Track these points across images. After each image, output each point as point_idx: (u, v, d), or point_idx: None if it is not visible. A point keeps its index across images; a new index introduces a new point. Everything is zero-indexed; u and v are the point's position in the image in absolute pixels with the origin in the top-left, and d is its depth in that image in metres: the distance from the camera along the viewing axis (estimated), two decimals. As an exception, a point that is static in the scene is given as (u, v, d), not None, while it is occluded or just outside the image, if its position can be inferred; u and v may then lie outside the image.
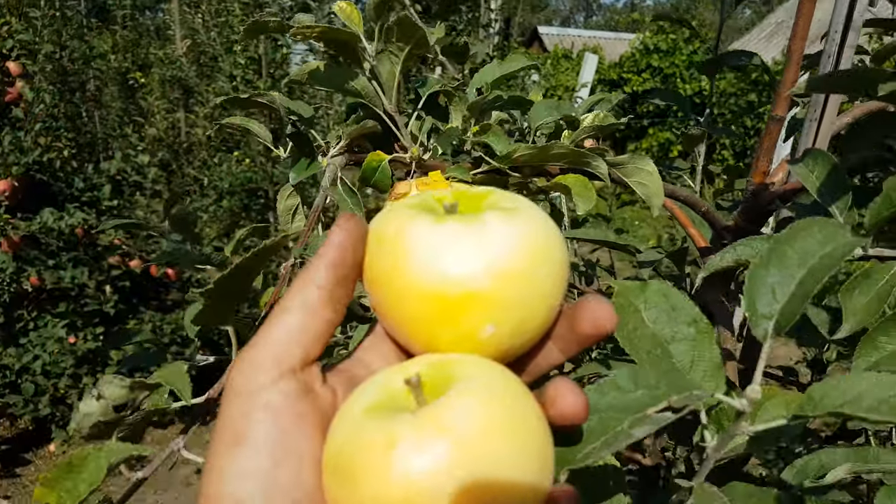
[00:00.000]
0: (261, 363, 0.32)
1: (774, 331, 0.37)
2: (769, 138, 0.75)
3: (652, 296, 0.47)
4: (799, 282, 0.37)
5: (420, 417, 0.27)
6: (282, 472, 0.31)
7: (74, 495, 0.43)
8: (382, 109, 0.61)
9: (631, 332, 0.46)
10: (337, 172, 0.59)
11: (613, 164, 0.67)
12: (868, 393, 0.33)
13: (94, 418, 0.46)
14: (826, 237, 0.40)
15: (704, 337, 0.46)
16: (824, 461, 0.59)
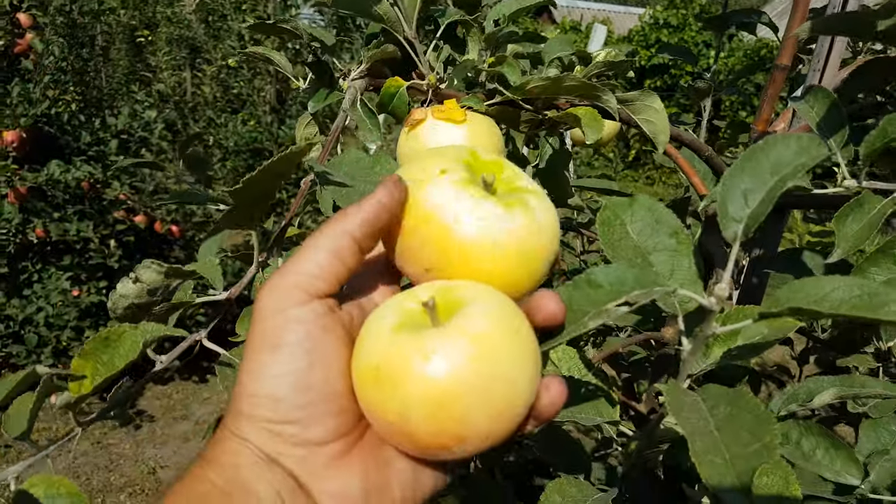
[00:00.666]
0: (290, 289, 0.36)
1: (743, 233, 0.40)
2: (773, 86, 0.77)
3: (638, 210, 0.50)
4: (770, 188, 0.40)
5: (446, 331, 0.33)
6: (314, 372, 0.35)
7: (110, 367, 0.46)
8: (403, 35, 0.63)
9: (616, 242, 0.49)
10: (357, 95, 0.62)
11: (622, 101, 0.70)
12: (832, 294, 0.35)
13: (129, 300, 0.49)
14: (801, 148, 0.43)
15: (684, 248, 0.49)
16: (812, 388, 0.62)
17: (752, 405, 0.36)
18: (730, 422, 0.36)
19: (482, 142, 0.64)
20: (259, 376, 0.34)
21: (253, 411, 0.34)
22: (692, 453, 0.33)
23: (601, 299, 0.39)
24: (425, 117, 0.64)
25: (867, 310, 0.33)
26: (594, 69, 0.69)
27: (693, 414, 0.37)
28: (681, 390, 0.40)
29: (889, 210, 0.54)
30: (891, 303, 0.32)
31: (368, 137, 0.57)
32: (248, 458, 0.34)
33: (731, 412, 0.37)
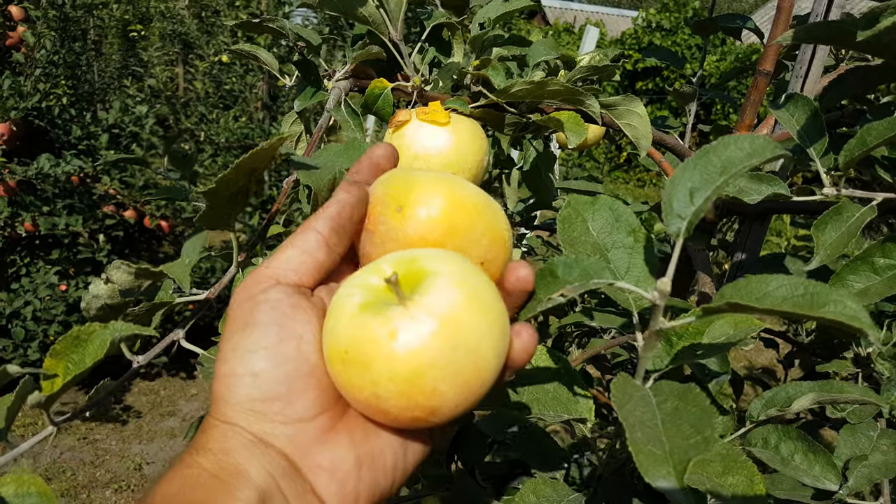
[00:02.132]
0: (261, 278, 0.38)
1: (686, 230, 0.41)
2: (756, 92, 0.78)
3: (599, 208, 0.51)
4: (716, 186, 0.41)
5: (411, 309, 0.34)
6: (286, 346, 0.36)
7: (80, 366, 0.46)
8: (388, 38, 0.63)
9: (575, 239, 0.50)
10: (342, 95, 0.62)
11: (606, 106, 0.70)
12: (774, 292, 0.36)
13: (102, 301, 0.49)
14: (754, 150, 0.43)
15: (640, 246, 0.49)
16: (791, 393, 0.62)
17: (699, 400, 0.37)
18: (675, 415, 0.37)
19: (466, 143, 0.65)
20: (234, 356, 0.35)
21: (234, 393, 0.35)
22: (630, 443, 0.34)
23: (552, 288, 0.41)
24: (410, 119, 0.64)
25: (808, 308, 0.33)
26: (578, 73, 0.69)
27: (640, 408, 0.38)
28: (630, 385, 0.41)
29: (868, 218, 0.54)
30: (831, 302, 0.33)
31: (352, 137, 0.57)
32: (237, 441, 0.34)
33: (677, 406, 0.38)
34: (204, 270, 3.23)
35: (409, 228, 0.40)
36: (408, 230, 0.40)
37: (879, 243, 0.56)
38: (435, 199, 0.41)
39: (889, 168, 0.56)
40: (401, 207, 0.40)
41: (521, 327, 0.38)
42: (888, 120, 0.53)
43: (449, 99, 0.66)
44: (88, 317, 0.50)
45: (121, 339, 0.47)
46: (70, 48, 3.92)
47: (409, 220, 0.40)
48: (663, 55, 1.11)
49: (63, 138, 3.39)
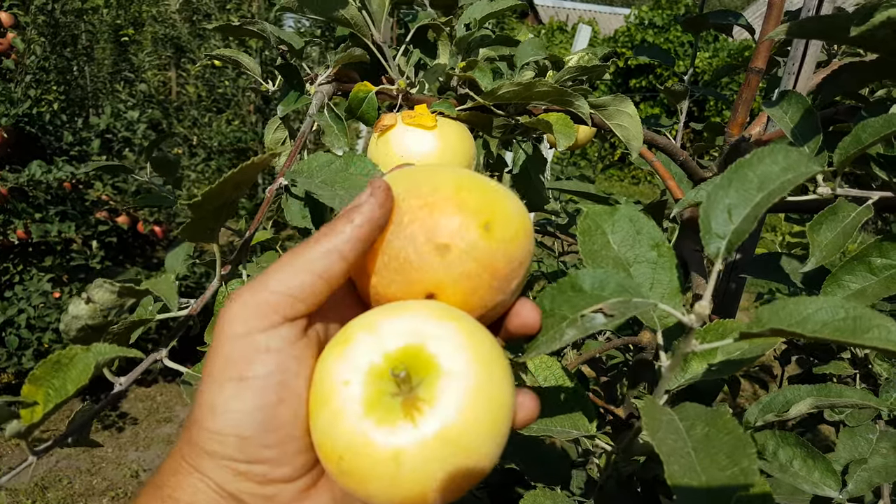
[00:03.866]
0: (261, 309, 0.32)
1: (726, 250, 0.39)
2: (748, 90, 0.76)
3: (619, 220, 0.49)
4: (756, 204, 0.39)
5: (420, 426, 0.30)
6: (283, 410, 0.31)
7: (62, 393, 0.44)
8: (371, 40, 0.62)
9: (596, 252, 0.48)
10: (324, 100, 0.60)
11: (596, 106, 0.69)
12: (814, 316, 0.34)
13: (82, 321, 0.47)
14: (789, 164, 0.42)
15: (665, 261, 0.47)
16: (789, 397, 0.61)
17: (731, 426, 0.35)
18: (707, 443, 0.34)
19: (453, 147, 0.63)
20: (222, 411, 0.31)
21: (215, 449, 0.31)
22: (668, 476, 0.31)
23: (580, 304, 0.38)
24: (395, 123, 0.62)
25: (850, 334, 0.32)
26: (566, 74, 0.68)
27: (670, 434, 0.35)
28: (658, 409, 0.39)
29: (864, 218, 0.53)
30: (874, 328, 0.31)
31: (335, 143, 0.56)
32: (207, 497, 0.32)
33: (708, 433, 0.35)
34: (198, 275, 3.21)
35: (497, 254, 0.34)
36: (495, 257, 0.34)
37: (876, 242, 0.54)
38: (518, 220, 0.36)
39: (885, 166, 0.55)
40: (488, 225, 0.34)
41: (525, 398, 0.35)
42: (884, 117, 0.52)
43: (435, 102, 0.65)
44: (68, 339, 0.48)
45: (105, 363, 0.45)
46: (61, 54, 3.89)
47: (498, 245, 0.34)
48: (654, 53, 1.10)
49: (55, 144, 3.37)
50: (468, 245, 0.33)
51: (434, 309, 0.33)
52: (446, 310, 0.33)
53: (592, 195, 0.93)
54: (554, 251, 1.28)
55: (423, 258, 0.33)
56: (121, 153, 3.59)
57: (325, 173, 0.49)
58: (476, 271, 0.34)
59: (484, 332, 0.34)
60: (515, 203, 0.37)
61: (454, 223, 0.34)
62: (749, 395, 3.47)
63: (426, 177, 0.36)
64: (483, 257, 0.34)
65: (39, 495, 2.69)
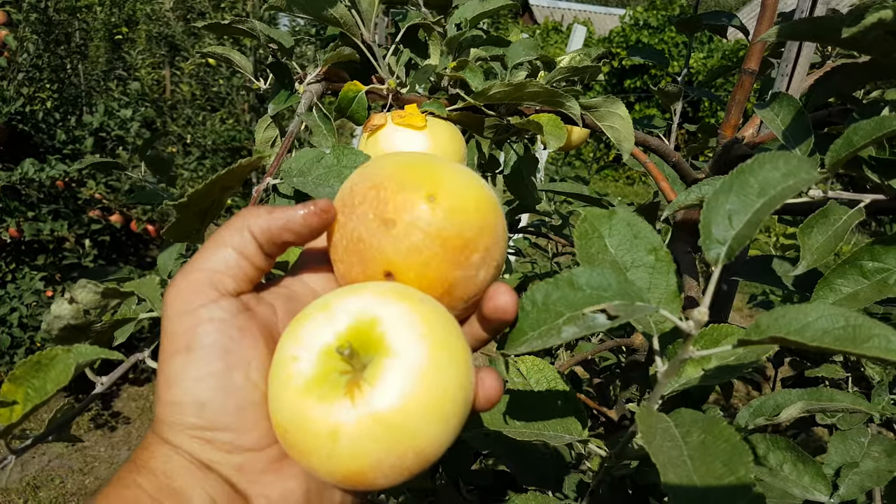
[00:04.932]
0: (199, 286, 0.34)
1: (726, 256, 0.38)
2: (741, 91, 0.76)
3: (617, 224, 0.48)
4: (756, 210, 0.38)
5: (358, 405, 0.31)
6: (234, 374, 0.33)
7: (42, 393, 0.43)
8: (361, 39, 0.61)
9: (593, 256, 0.47)
10: (313, 99, 0.60)
11: (587, 108, 0.68)
12: (814, 324, 0.34)
13: (65, 321, 0.47)
14: (790, 170, 0.41)
15: (663, 265, 0.47)
16: (780, 401, 0.61)
17: (727, 434, 0.34)
18: (703, 451, 0.34)
19: (443, 147, 0.63)
20: (177, 381, 0.32)
21: (178, 419, 0.32)
22: (664, 485, 0.31)
23: (579, 302, 0.37)
24: (385, 122, 0.62)
25: (851, 343, 0.31)
26: (558, 75, 0.68)
27: (666, 442, 0.35)
28: (653, 416, 0.38)
29: (855, 221, 0.52)
30: (874, 337, 0.31)
31: (323, 143, 0.55)
32: (180, 464, 0.32)
33: (704, 440, 0.35)
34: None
35: (443, 223, 0.34)
36: (441, 226, 0.34)
37: (868, 246, 0.54)
38: (469, 191, 0.35)
39: (877, 168, 0.55)
40: (433, 196, 0.34)
41: (486, 375, 0.35)
42: (875, 119, 0.51)
43: (425, 102, 0.64)
44: (50, 339, 0.47)
45: (86, 364, 0.45)
46: (54, 52, 3.87)
47: (445, 213, 0.34)
48: (648, 54, 1.10)
49: (47, 143, 3.35)
50: (413, 217, 0.34)
51: (388, 289, 0.33)
52: (402, 290, 0.34)
53: (585, 196, 0.92)
54: (548, 252, 1.28)
55: (373, 235, 0.34)
56: (114, 151, 3.57)
57: (319, 170, 0.48)
58: (424, 243, 0.34)
59: (439, 311, 0.34)
60: (469, 177, 0.37)
61: (399, 197, 0.34)
62: (742, 395, 3.48)
63: (377, 161, 0.37)
64: (430, 228, 0.34)
65: (31, 495, 2.67)
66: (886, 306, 0.80)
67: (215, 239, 0.35)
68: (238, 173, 0.48)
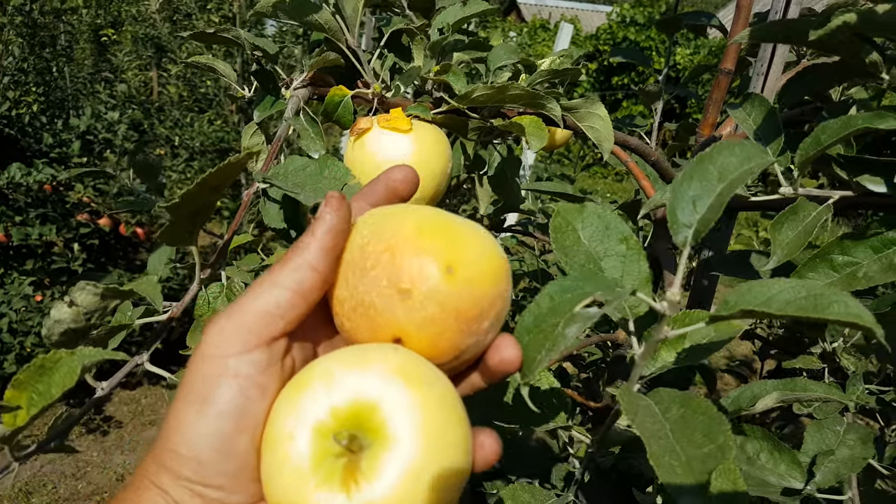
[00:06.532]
0: (237, 331, 0.33)
1: (693, 238, 0.40)
2: (718, 90, 0.78)
3: (589, 216, 0.50)
4: (718, 194, 0.41)
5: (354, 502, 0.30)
6: (241, 438, 0.32)
7: (46, 397, 0.44)
8: (346, 45, 0.63)
9: (568, 248, 0.49)
10: (300, 104, 0.61)
11: (567, 109, 0.70)
12: (778, 296, 0.36)
13: (65, 325, 0.47)
14: (746, 155, 0.43)
15: (634, 253, 0.49)
16: (756, 392, 0.63)
17: (704, 407, 0.36)
18: (683, 424, 0.36)
19: (428, 150, 0.64)
20: (184, 431, 0.32)
21: (174, 467, 0.32)
22: (650, 455, 0.33)
23: (566, 306, 0.39)
24: (371, 126, 0.63)
25: (813, 310, 0.33)
26: (538, 77, 0.69)
27: (647, 418, 0.37)
28: (634, 395, 0.40)
29: (824, 217, 0.54)
30: (834, 303, 0.33)
31: (311, 147, 0.57)
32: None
33: (683, 414, 0.37)
34: (182, 277, 3.19)
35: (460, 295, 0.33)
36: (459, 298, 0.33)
37: (837, 240, 0.56)
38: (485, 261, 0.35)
39: (845, 166, 0.57)
40: (451, 267, 0.33)
41: (486, 439, 0.35)
42: (842, 118, 0.53)
43: (410, 105, 0.65)
44: (50, 343, 0.48)
45: (91, 366, 0.45)
46: (39, 55, 3.86)
47: (462, 286, 0.33)
48: (630, 55, 1.12)
49: (34, 146, 3.34)
50: (430, 289, 0.33)
51: (397, 368, 0.32)
52: (410, 369, 0.32)
53: (569, 195, 0.94)
54: (534, 250, 1.30)
55: (386, 303, 0.33)
56: (101, 154, 3.56)
57: (299, 177, 0.50)
58: (440, 315, 0.33)
59: (445, 394, 0.33)
60: (483, 240, 0.36)
61: (415, 267, 0.33)
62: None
63: (391, 219, 0.36)
64: (447, 301, 0.33)
65: (24, 500, 2.67)
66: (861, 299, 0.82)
67: (268, 278, 0.34)
68: (227, 172, 0.49)
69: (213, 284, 0.59)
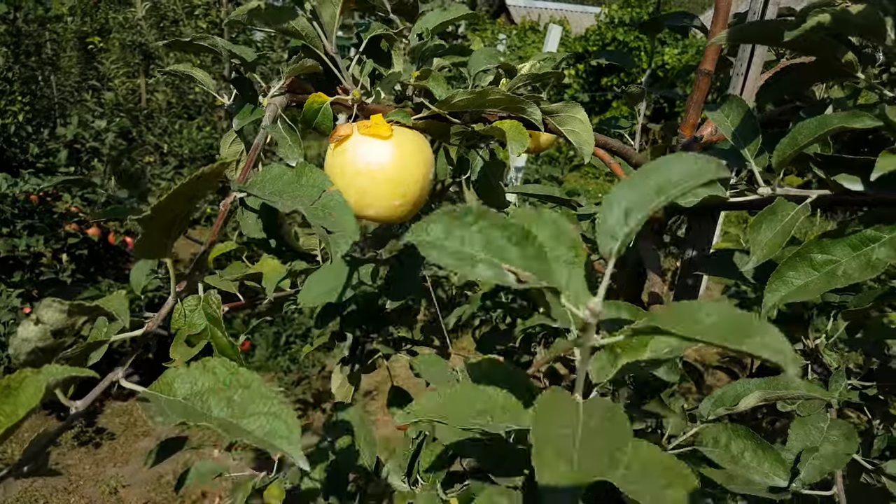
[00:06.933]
0: None
1: (618, 251, 0.41)
2: (699, 91, 0.78)
3: (544, 223, 0.50)
4: (653, 207, 0.40)
5: None
6: None
7: (13, 417, 0.43)
8: (324, 51, 0.62)
9: None
10: (277, 111, 0.61)
11: (548, 113, 0.70)
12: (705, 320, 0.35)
13: (32, 344, 0.47)
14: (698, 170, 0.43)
15: (579, 260, 0.49)
16: (739, 391, 0.63)
17: (620, 420, 0.37)
18: (596, 434, 0.36)
19: (410, 155, 0.64)
20: None
21: None
22: (536, 457, 0.33)
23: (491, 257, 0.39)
24: (351, 133, 0.63)
25: (734, 339, 0.33)
26: (519, 82, 0.69)
27: (562, 424, 0.37)
28: (560, 399, 0.41)
29: (802, 216, 0.55)
30: (755, 335, 0.33)
31: (289, 155, 0.57)
32: None
33: (599, 425, 0.37)
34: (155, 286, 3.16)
35: None
36: None
37: (816, 239, 0.56)
38: None
39: (822, 165, 0.57)
40: None
41: None
42: (818, 118, 0.54)
43: (391, 111, 0.65)
44: (18, 363, 0.47)
45: (56, 384, 0.45)
46: (24, 63, 3.83)
47: None
48: (615, 57, 1.12)
49: (20, 157, 3.32)
50: None
51: None
52: None
53: (555, 198, 0.94)
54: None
55: None
56: (89, 164, 3.54)
57: (276, 185, 0.49)
58: None
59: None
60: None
61: None
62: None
63: None
64: None
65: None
66: (842, 295, 0.83)
67: None
68: (200, 183, 0.48)
69: (190, 297, 0.59)
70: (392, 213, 0.64)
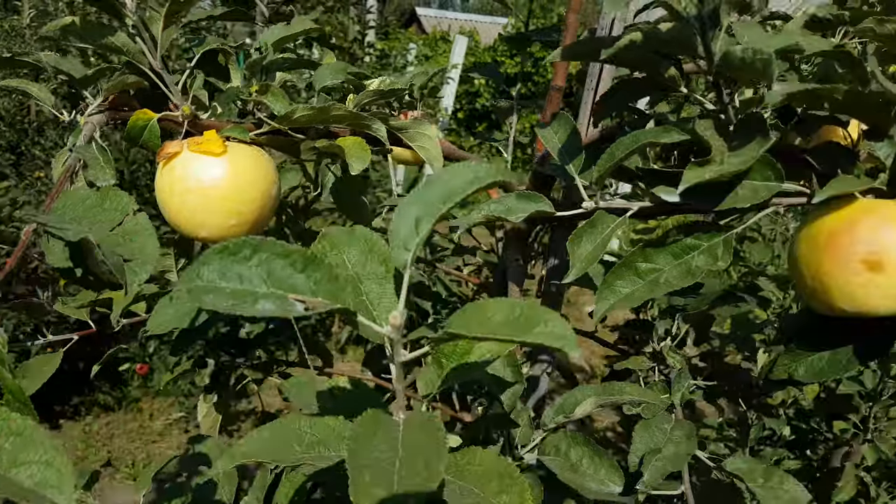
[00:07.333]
0: None
1: (412, 261, 0.42)
2: (551, 106, 0.80)
3: (355, 241, 0.51)
4: (441, 214, 0.42)
5: None
6: None
7: None
8: (149, 67, 0.60)
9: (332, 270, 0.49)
10: (95, 131, 0.58)
11: (398, 129, 0.70)
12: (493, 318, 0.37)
13: None
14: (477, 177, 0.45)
15: (389, 275, 0.50)
16: (578, 398, 0.65)
17: (436, 435, 0.37)
18: (415, 452, 0.36)
19: (245, 171, 0.62)
20: None
21: None
22: (352, 486, 0.33)
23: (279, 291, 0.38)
24: (181, 150, 0.61)
25: (521, 331, 0.34)
26: (366, 98, 0.69)
27: (381, 447, 0.37)
28: (379, 421, 0.40)
29: (620, 228, 0.57)
30: (541, 323, 0.34)
31: (101, 176, 0.54)
32: None
33: (420, 441, 0.37)
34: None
35: None
36: None
37: (640, 249, 0.58)
38: None
39: (643, 178, 0.59)
40: None
41: None
42: (632, 134, 0.56)
43: (227, 127, 0.64)
44: None
45: None
46: None
47: None
48: (486, 72, 1.14)
49: None
50: None
51: None
52: None
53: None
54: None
55: None
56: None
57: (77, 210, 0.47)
58: None
59: None
60: None
61: None
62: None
63: None
64: None
65: None
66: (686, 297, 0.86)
67: None
68: None
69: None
70: (227, 233, 0.62)
